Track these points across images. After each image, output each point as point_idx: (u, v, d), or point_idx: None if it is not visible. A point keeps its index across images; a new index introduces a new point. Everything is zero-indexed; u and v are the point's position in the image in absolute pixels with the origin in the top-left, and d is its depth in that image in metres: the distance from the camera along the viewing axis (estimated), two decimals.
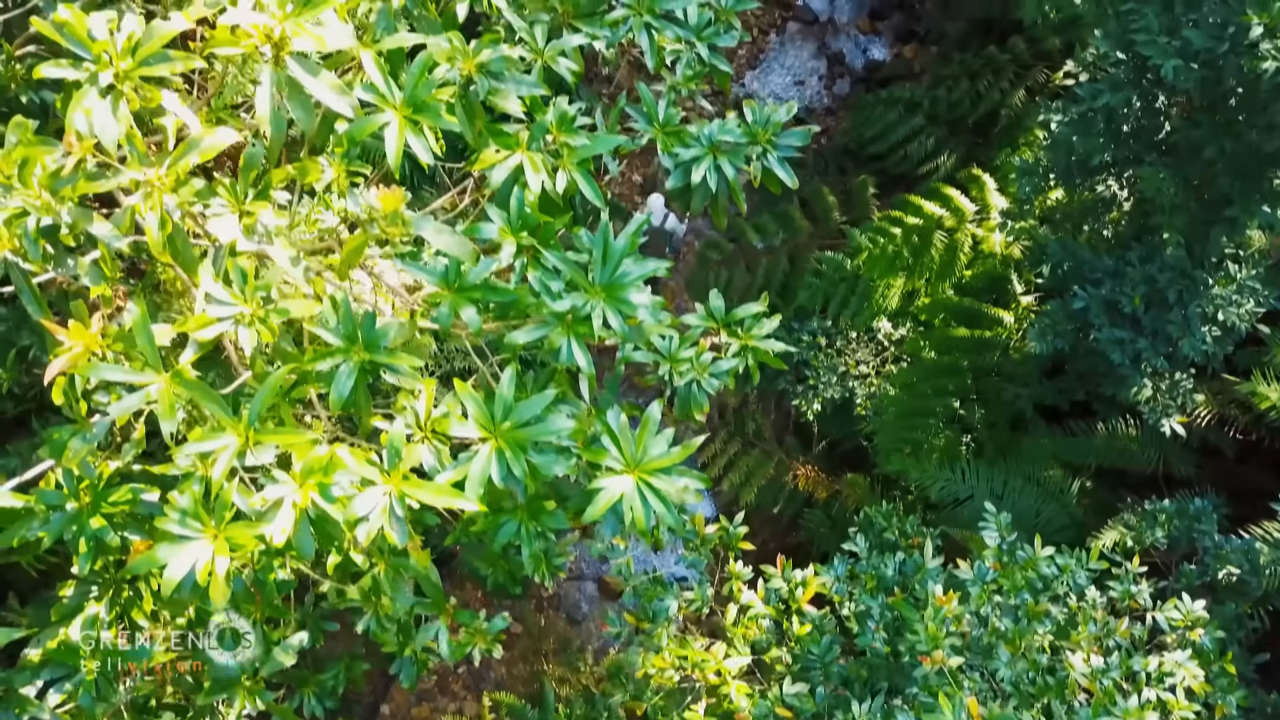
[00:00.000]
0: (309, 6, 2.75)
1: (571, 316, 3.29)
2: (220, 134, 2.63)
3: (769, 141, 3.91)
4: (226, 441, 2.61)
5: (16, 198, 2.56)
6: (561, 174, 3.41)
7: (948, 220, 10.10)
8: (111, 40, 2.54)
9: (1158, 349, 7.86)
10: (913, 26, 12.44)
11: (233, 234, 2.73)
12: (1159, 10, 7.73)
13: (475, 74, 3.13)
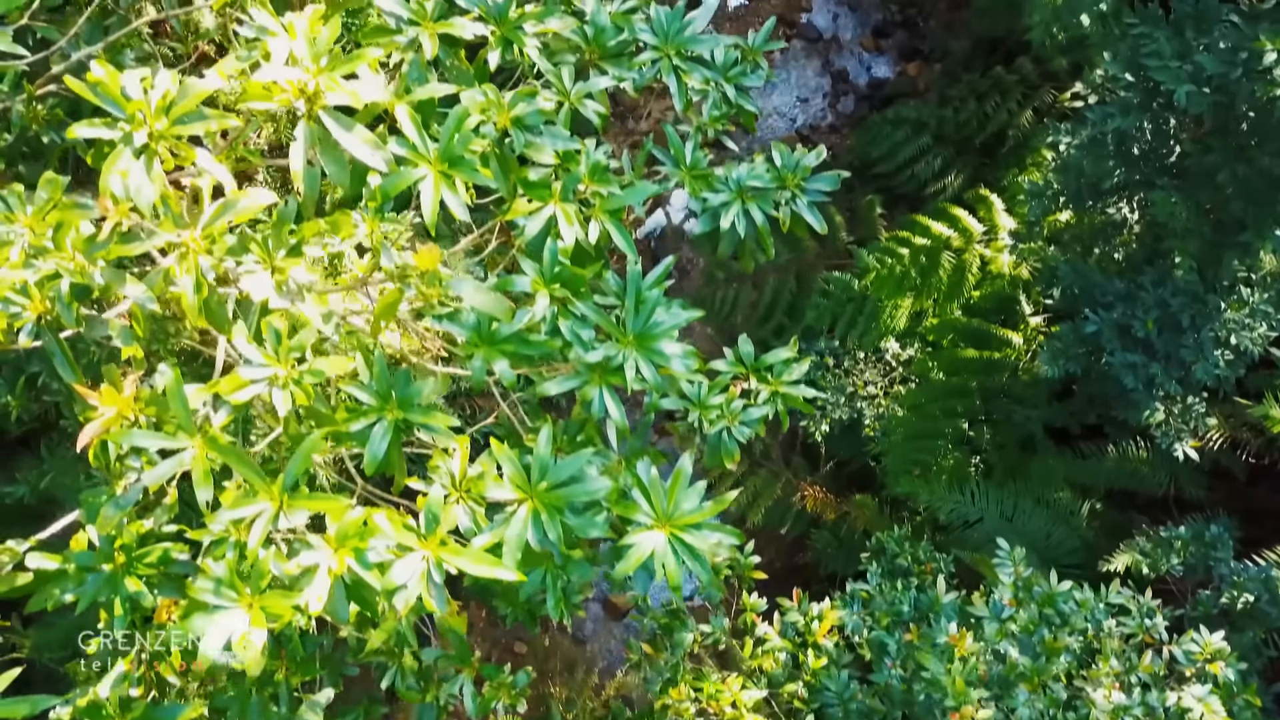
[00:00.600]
0: (343, 61, 2.71)
1: (604, 366, 3.25)
2: (256, 195, 2.58)
3: (798, 186, 3.88)
4: (261, 508, 2.56)
5: (50, 260, 2.51)
6: (593, 223, 3.37)
7: (955, 241, 10.09)
8: (146, 99, 2.50)
9: (1171, 373, 7.84)
10: (916, 44, 12.45)
11: (265, 292, 2.69)
12: (1170, 35, 7.73)
13: (510, 128, 3.09)
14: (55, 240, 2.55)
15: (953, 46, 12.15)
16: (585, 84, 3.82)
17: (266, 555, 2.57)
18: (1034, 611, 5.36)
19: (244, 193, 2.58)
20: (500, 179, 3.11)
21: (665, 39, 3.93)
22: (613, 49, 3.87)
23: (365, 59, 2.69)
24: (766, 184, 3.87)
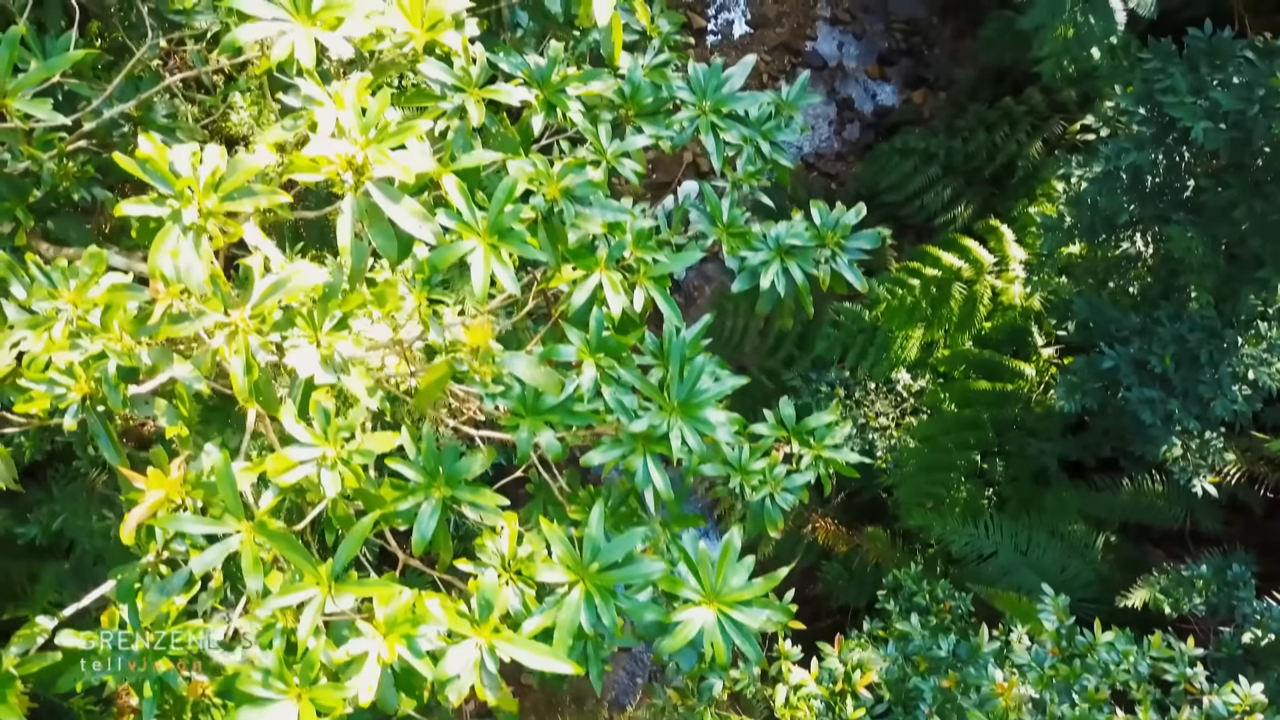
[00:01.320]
0: (392, 133, 2.65)
1: (648, 435, 3.18)
2: (308, 273, 2.52)
3: (838, 244, 3.83)
4: (310, 594, 2.48)
5: (96, 341, 2.45)
6: (638, 290, 3.31)
7: (966, 271, 10.06)
8: (195, 175, 2.43)
9: (1189, 409, 7.80)
10: (921, 72, 12.47)
11: (311, 367, 2.61)
12: (1184, 70, 7.73)
13: (560, 199, 3.04)
14: (103, 321, 2.48)
15: (958, 75, 12.18)
16: (623, 143, 3.77)
17: (316, 645, 2.48)
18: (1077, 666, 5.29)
19: (295, 270, 2.51)
20: (548, 249, 3.05)
21: (703, 96, 3.87)
22: (649, 106, 3.82)
23: (414, 131, 2.64)
24: (806, 242, 3.81)
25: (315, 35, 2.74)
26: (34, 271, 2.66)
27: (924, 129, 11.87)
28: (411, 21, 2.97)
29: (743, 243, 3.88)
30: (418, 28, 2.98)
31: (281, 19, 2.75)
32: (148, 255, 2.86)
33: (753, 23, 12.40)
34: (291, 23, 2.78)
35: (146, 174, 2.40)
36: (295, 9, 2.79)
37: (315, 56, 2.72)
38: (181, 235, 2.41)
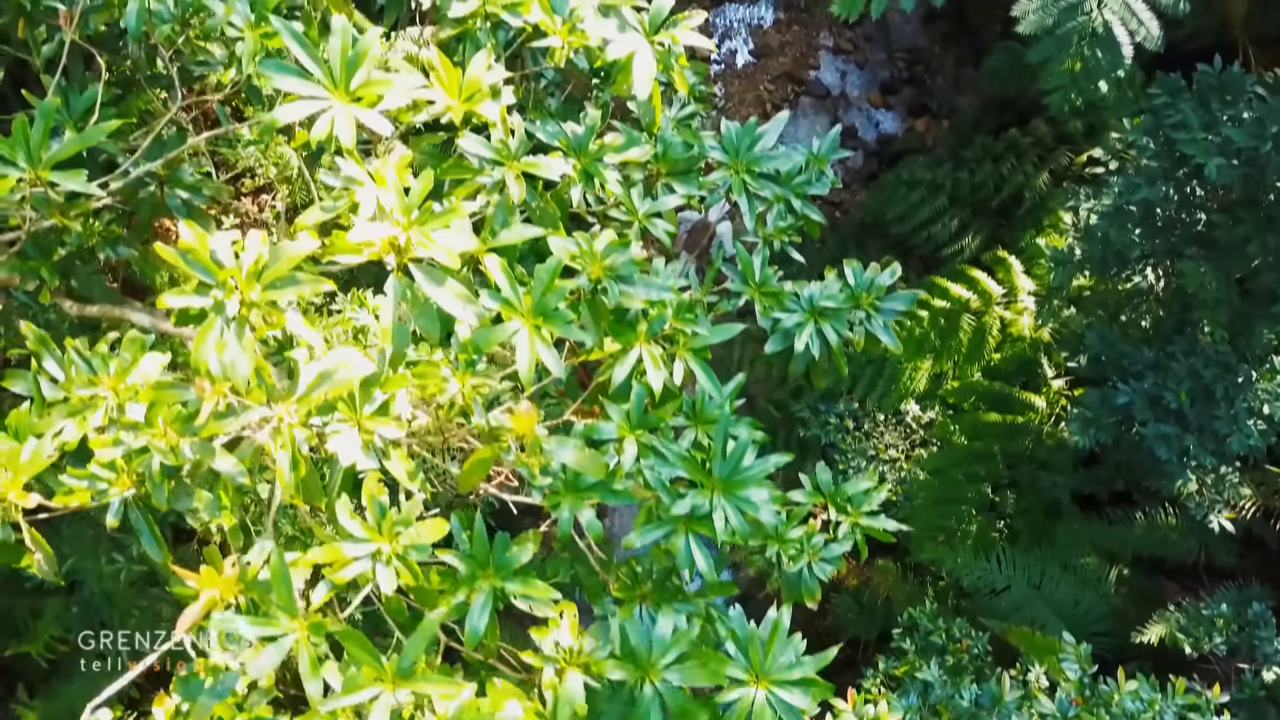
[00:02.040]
0: (435, 215, 2.59)
1: (691, 514, 3.11)
2: (355, 364, 2.45)
3: (872, 305, 3.78)
4: (376, 694, 2.39)
5: (140, 437, 2.38)
6: (678, 362, 3.25)
7: (974, 303, 10.05)
8: (237, 264, 2.37)
9: (1205, 445, 7.76)
10: (924, 101, 12.49)
11: (354, 454, 2.54)
12: (1195, 106, 7.74)
13: (604, 278, 2.98)
14: (148, 418, 2.41)
15: (960, 103, 12.20)
16: (655, 203, 3.72)
17: None
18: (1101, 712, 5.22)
19: (342, 361, 2.44)
20: (591, 327, 2.99)
21: (735, 155, 3.83)
22: (681, 165, 3.77)
23: (458, 214, 2.58)
24: (840, 304, 3.77)
25: (355, 114, 2.68)
26: (72, 355, 2.59)
27: (928, 157, 11.88)
28: (449, 93, 2.91)
29: (775, 303, 3.83)
30: (455, 99, 2.92)
31: (320, 97, 2.69)
32: (173, 314, 2.80)
33: (756, 52, 12.41)
34: (330, 99, 2.72)
35: (188, 264, 2.33)
36: (334, 84, 2.73)
37: (355, 136, 2.66)
38: (225, 327, 2.34)
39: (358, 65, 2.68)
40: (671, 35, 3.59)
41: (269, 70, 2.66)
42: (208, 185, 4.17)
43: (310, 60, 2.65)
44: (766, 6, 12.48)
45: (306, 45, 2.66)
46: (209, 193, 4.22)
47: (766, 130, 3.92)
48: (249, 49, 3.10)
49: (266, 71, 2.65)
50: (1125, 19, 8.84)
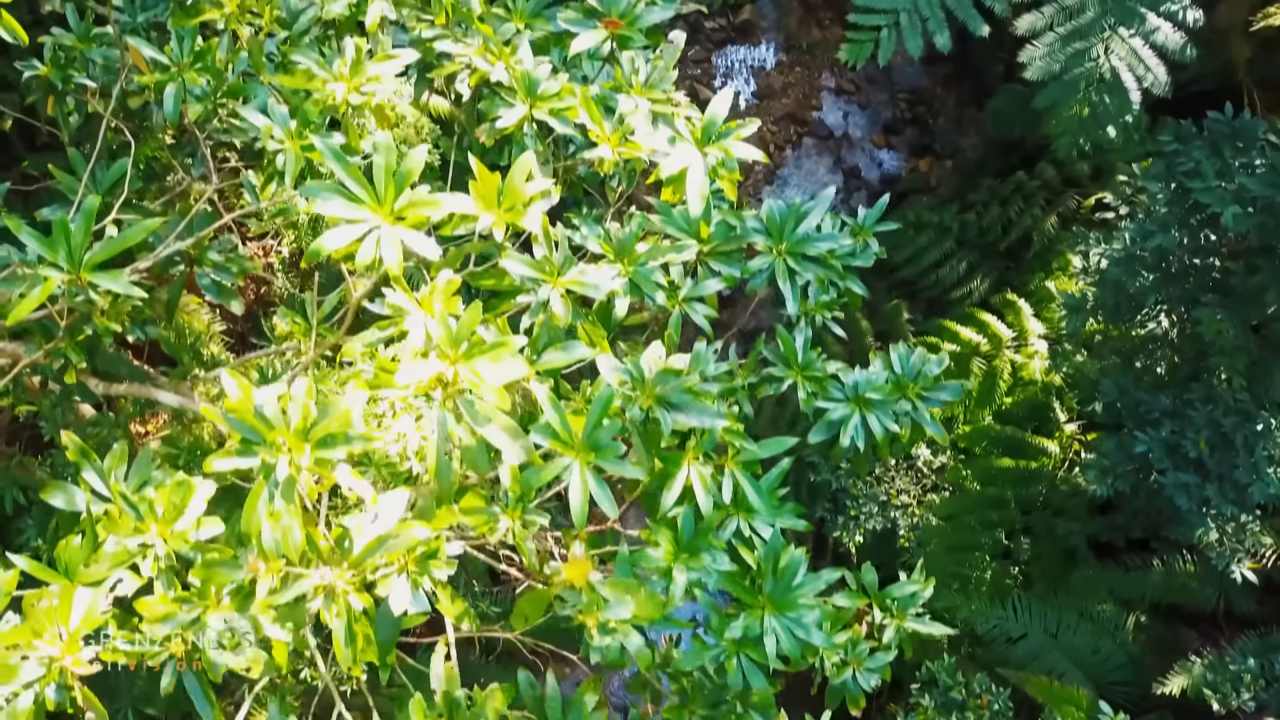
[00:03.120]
0: (484, 349, 2.47)
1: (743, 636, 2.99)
2: (415, 529, 2.32)
3: (918, 395, 3.67)
4: None
5: (193, 610, 2.26)
6: (726, 477, 3.13)
7: (984, 346, 9.97)
8: (284, 420, 2.24)
9: (1226, 494, 7.66)
10: (927, 141, 12.48)
11: (404, 602, 2.41)
12: (1208, 153, 7.71)
13: (655, 407, 2.86)
14: (201, 593, 2.29)
15: (963, 144, 12.19)
16: (695, 286, 3.61)
17: None
18: None
19: (403, 525, 2.32)
20: (642, 456, 2.88)
21: (779, 238, 3.71)
22: (722, 247, 3.66)
23: (508, 347, 2.46)
24: (885, 396, 3.66)
25: (401, 236, 2.56)
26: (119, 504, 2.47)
27: (932, 198, 11.86)
28: (488, 206, 2.80)
29: (818, 388, 3.72)
30: (495, 212, 2.81)
31: (366, 219, 2.58)
32: (196, 385, 2.67)
33: (758, 94, 12.39)
34: (374, 219, 2.60)
35: (232, 424, 2.21)
36: (378, 203, 2.62)
37: (401, 260, 2.55)
38: (275, 491, 2.22)
39: (404, 185, 2.57)
40: (724, 149, 3.47)
41: (313, 194, 2.55)
42: (236, 263, 4.08)
43: (355, 184, 2.54)
44: (768, 48, 12.48)
45: (349, 166, 2.55)
46: (235, 269, 4.12)
47: (811, 208, 3.81)
48: (291, 165, 2.99)
49: (310, 195, 2.54)
50: (1132, 65, 8.85)
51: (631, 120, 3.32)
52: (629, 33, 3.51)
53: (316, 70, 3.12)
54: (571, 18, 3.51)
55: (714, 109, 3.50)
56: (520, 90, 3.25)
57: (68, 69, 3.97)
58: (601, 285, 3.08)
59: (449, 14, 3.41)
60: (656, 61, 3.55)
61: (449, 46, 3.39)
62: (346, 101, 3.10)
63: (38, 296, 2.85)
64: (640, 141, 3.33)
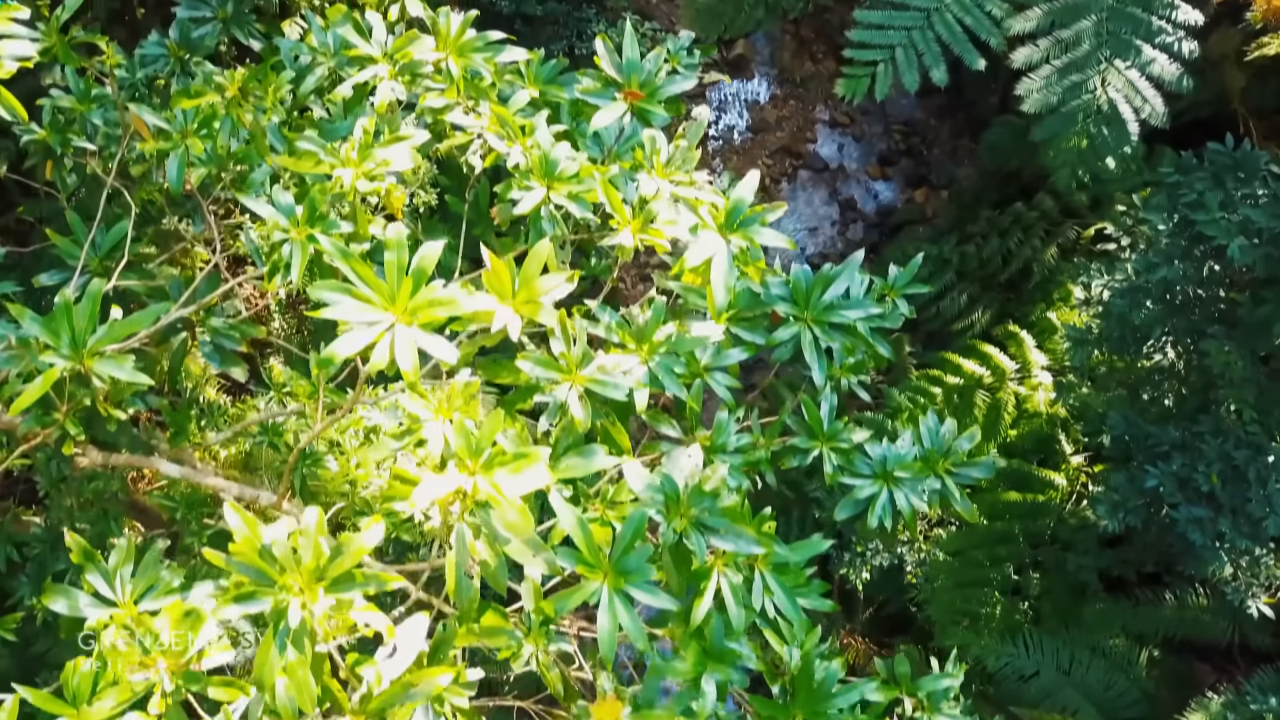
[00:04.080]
0: (506, 458, 2.35)
1: None
2: (438, 676, 2.19)
3: (948, 471, 3.56)
4: None
5: None
6: (757, 580, 2.99)
7: (988, 379, 9.89)
8: (294, 559, 2.11)
9: (1240, 529, 7.57)
10: (922, 172, 12.46)
11: None
12: (1210, 185, 7.67)
13: (689, 529, 2.74)
14: None
15: (959, 174, 12.17)
16: (717, 356, 3.49)
17: None
18: None
19: (426, 674, 2.18)
20: (672, 577, 2.75)
21: (805, 305, 3.58)
22: (744, 313, 3.55)
23: (531, 461, 2.33)
24: (914, 473, 3.54)
25: (417, 338, 2.43)
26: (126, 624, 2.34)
27: (929, 228, 11.81)
28: (502, 299, 2.68)
29: (845, 460, 3.60)
30: (509, 305, 2.69)
31: (378, 320, 2.45)
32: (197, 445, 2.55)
33: (753, 127, 12.35)
34: (387, 319, 2.48)
35: (239, 569, 2.08)
36: (390, 302, 2.49)
37: (417, 363, 2.43)
38: (287, 640, 2.08)
39: (419, 283, 2.45)
40: (749, 237, 3.35)
41: (322, 295, 2.42)
42: (239, 329, 3.96)
43: (365, 286, 2.42)
44: (762, 82, 12.46)
45: (359, 264, 2.43)
46: (238, 336, 4.00)
47: (839, 273, 3.69)
48: (298, 258, 2.86)
49: (319, 296, 2.42)
50: (1129, 96, 8.82)
51: (654, 205, 3.21)
52: (649, 106, 3.42)
53: (323, 155, 3.01)
54: (590, 89, 3.41)
55: (739, 192, 3.40)
56: (538, 172, 3.15)
57: (66, 132, 3.86)
58: (622, 385, 2.96)
59: (460, 88, 3.31)
60: (678, 140, 3.45)
61: (461, 119, 3.29)
62: (355, 188, 2.98)
63: (40, 386, 2.74)
64: (663, 229, 3.22)
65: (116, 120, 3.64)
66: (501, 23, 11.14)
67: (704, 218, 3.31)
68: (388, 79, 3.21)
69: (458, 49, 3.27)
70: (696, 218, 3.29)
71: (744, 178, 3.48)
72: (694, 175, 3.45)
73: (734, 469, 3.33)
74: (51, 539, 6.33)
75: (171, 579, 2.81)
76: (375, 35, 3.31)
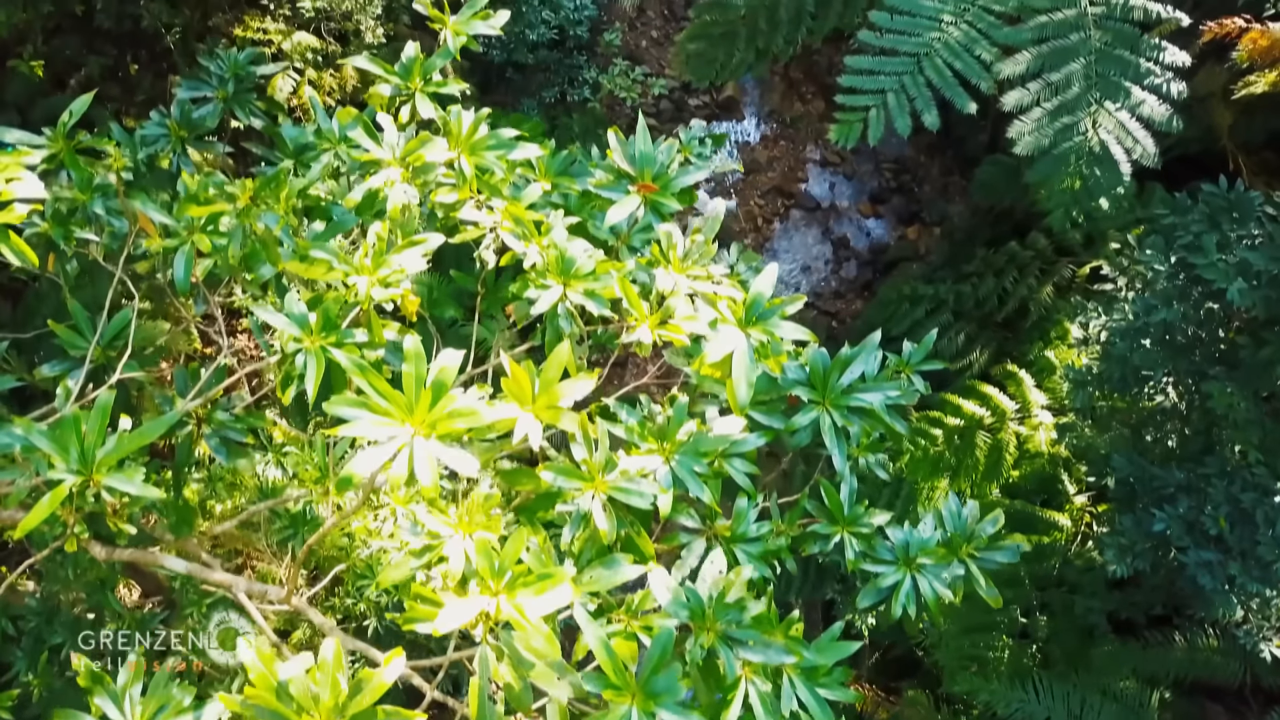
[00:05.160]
0: (529, 579, 2.26)
1: None
2: None
3: (971, 555, 3.48)
4: None
5: None
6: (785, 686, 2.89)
7: (988, 419, 9.85)
8: (313, 698, 2.02)
9: (1251, 572, 7.50)
10: (913, 209, 12.50)
11: None
12: (1206, 227, 7.68)
13: (719, 644, 2.65)
14: None
15: (950, 210, 12.21)
16: (735, 443, 3.42)
17: None
18: None
19: None
20: (701, 691, 2.66)
21: (823, 390, 3.52)
22: (762, 396, 3.48)
23: (556, 581, 2.25)
24: (937, 560, 3.46)
25: (436, 452, 2.35)
26: None
27: (923, 265, 11.82)
28: (522, 404, 2.60)
29: (867, 546, 3.52)
30: (529, 411, 2.61)
31: (396, 435, 2.37)
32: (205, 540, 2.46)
33: (745, 168, 12.38)
34: (405, 433, 2.39)
35: (256, 712, 1.98)
36: (409, 414, 2.41)
37: (437, 477, 2.34)
38: None
39: (438, 396, 2.37)
40: (769, 331, 3.28)
41: (339, 411, 2.34)
42: (245, 420, 3.86)
43: (383, 399, 2.34)
44: (752, 123, 12.49)
45: (376, 378, 2.36)
46: (242, 429, 3.91)
47: (856, 356, 3.63)
48: (313, 370, 2.77)
49: (337, 412, 2.34)
50: (1121, 137, 8.85)
51: (672, 302, 3.15)
52: (663, 198, 3.36)
53: (336, 264, 2.94)
54: (603, 182, 3.36)
55: (759, 285, 3.34)
56: (554, 271, 3.08)
57: (68, 224, 3.78)
58: (646, 494, 2.88)
59: (473, 187, 3.24)
60: (694, 235, 3.40)
61: (473, 214, 3.23)
62: (369, 296, 2.91)
63: (48, 505, 2.65)
64: (681, 324, 3.16)
65: (119, 209, 3.57)
66: (494, 72, 11.15)
67: (723, 313, 3.25)
68: (400, 182, 3.14)
69: (470, 147, 3.22)
70: (715, 312, 3.23)
71: (763, 271, 3.42)
72: (710, 268, 3.39)
73: (753, 558, 3.25)
74: (47, 611, 6.19)
75: (183, 697, 2.71)
76: (386, 138, 3.25)
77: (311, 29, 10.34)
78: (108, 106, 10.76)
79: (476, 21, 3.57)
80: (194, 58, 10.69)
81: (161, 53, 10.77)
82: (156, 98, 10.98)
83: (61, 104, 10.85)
